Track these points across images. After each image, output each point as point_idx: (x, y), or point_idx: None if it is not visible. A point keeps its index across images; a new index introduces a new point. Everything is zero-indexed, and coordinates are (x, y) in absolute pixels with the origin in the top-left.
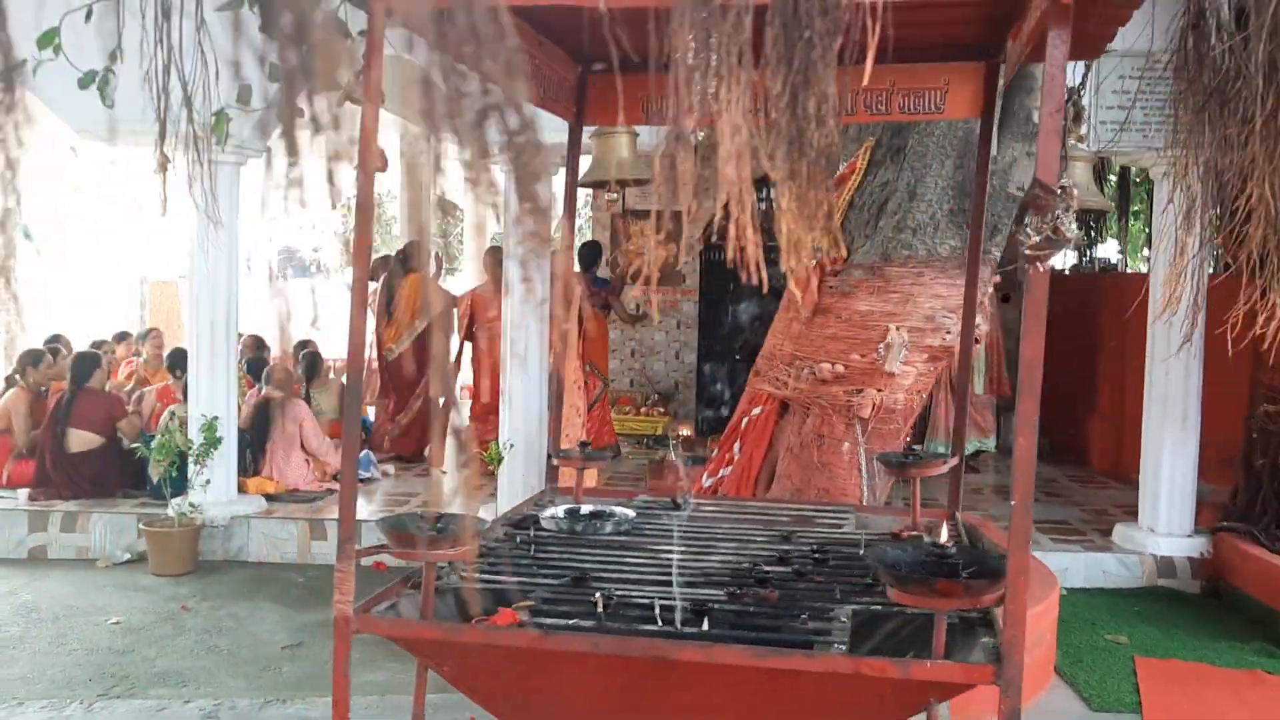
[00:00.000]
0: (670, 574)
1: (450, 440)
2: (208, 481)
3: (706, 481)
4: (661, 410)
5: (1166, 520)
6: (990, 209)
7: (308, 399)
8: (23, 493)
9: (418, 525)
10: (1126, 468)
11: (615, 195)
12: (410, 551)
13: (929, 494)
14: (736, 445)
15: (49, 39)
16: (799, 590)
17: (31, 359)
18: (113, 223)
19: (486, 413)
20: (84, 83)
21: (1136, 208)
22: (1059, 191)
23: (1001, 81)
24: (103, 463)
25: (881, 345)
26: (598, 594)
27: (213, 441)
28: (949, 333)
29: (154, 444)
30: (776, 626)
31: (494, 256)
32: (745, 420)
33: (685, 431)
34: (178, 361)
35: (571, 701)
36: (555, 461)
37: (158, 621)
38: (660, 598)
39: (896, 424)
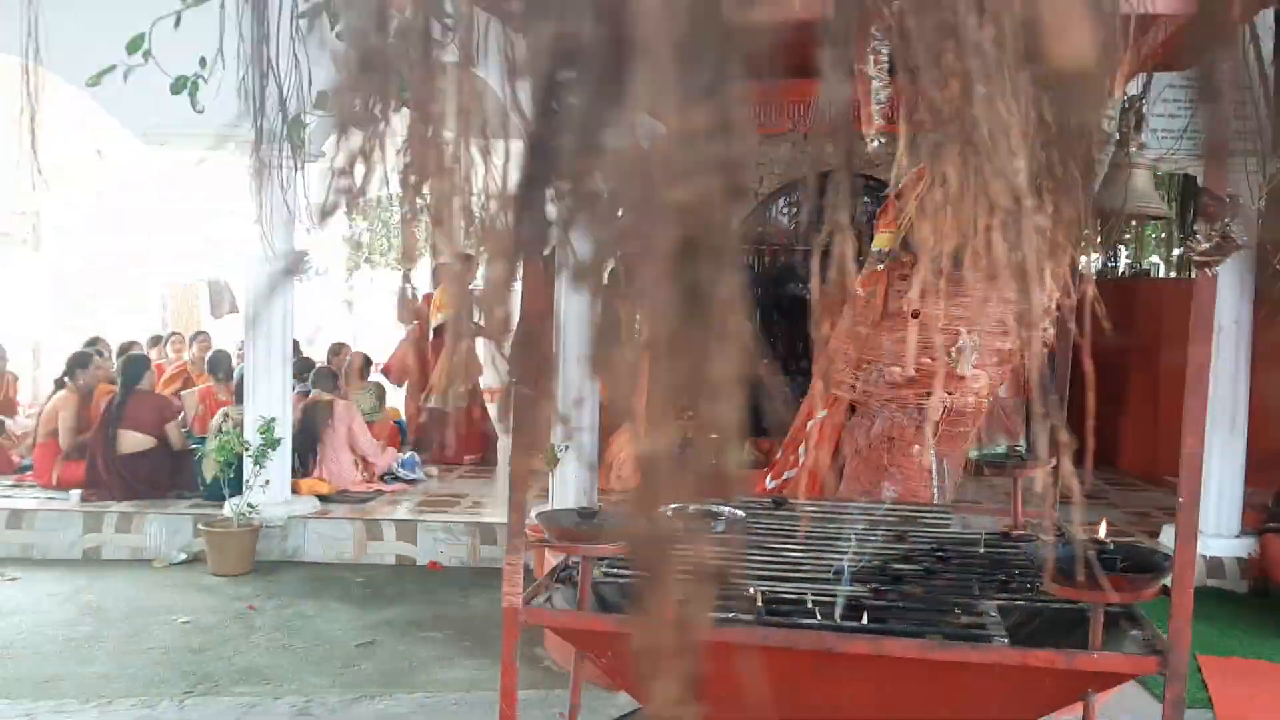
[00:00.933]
0: (804, 571)
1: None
2: (267, 482)
3: (771, 484)
4: None
5: (1215, 522)
6: None
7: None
8: (74, 494)
9: (573, 520)
10: (1160, 471)
11: None
12: (571, 545)
13: (982, 496)
14: (802, 448)
15: (137, 45)
16: (937, 586)
17: (79, 361)
18: (135, 225)
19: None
20: (175, 88)
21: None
22: (1228, 199)
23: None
24: (154, 464)
25: (953, 349)
26: (750, 589)
27: (271, 443)
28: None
29: (214, 446)
30: (931, 621)
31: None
32: (811, 423)
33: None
34: (220, 364)
35: (734, 694)
36: None
37: (226, 621)
38: (805, 594)
39: (966, 426)
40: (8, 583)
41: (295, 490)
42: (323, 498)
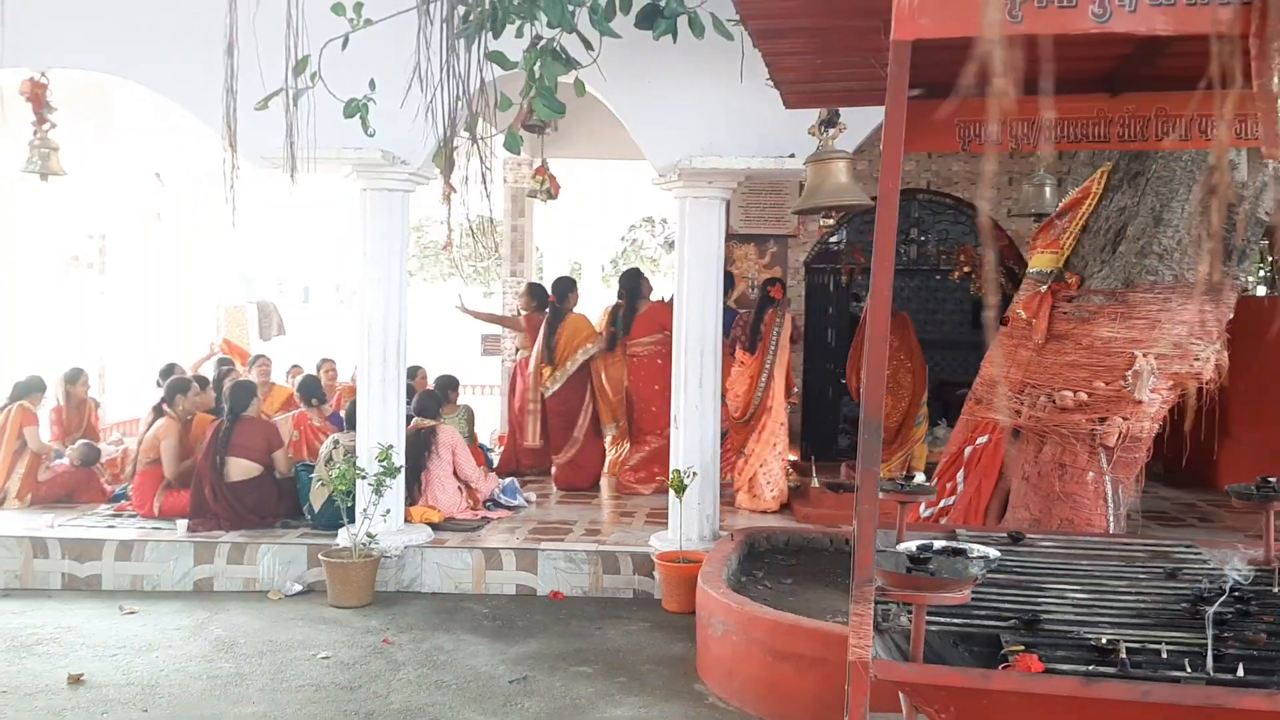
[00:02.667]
0: (1107, 612)
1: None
2: (388, 511)
3: (925, 512)
4: None
5: None
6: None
7: None
8: (181, 523)
9: (902, 564)
10: None
11: (833, 220)
12: (908, 594)
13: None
14: (960, 474)
15: (304, 66)
16: (1265, 631)
17: (179, 387)
18: (190, 248)
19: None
20: (349, 111)
21: None
22: None
23: None
24: (261, 492)
25: (1129, 372)
26: (1103, 638)
27: (391, 470)
28: (1197, 359)
29: (336, 474)
30: None
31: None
32: (969, 449)
33: (792, 456)
34: (312, 390)
35: None
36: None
37: (366, 656)
38: (1125, 639)
39: (1140, 452)
40: (127, 616)
41: (407, 518)
42: (434, 526)
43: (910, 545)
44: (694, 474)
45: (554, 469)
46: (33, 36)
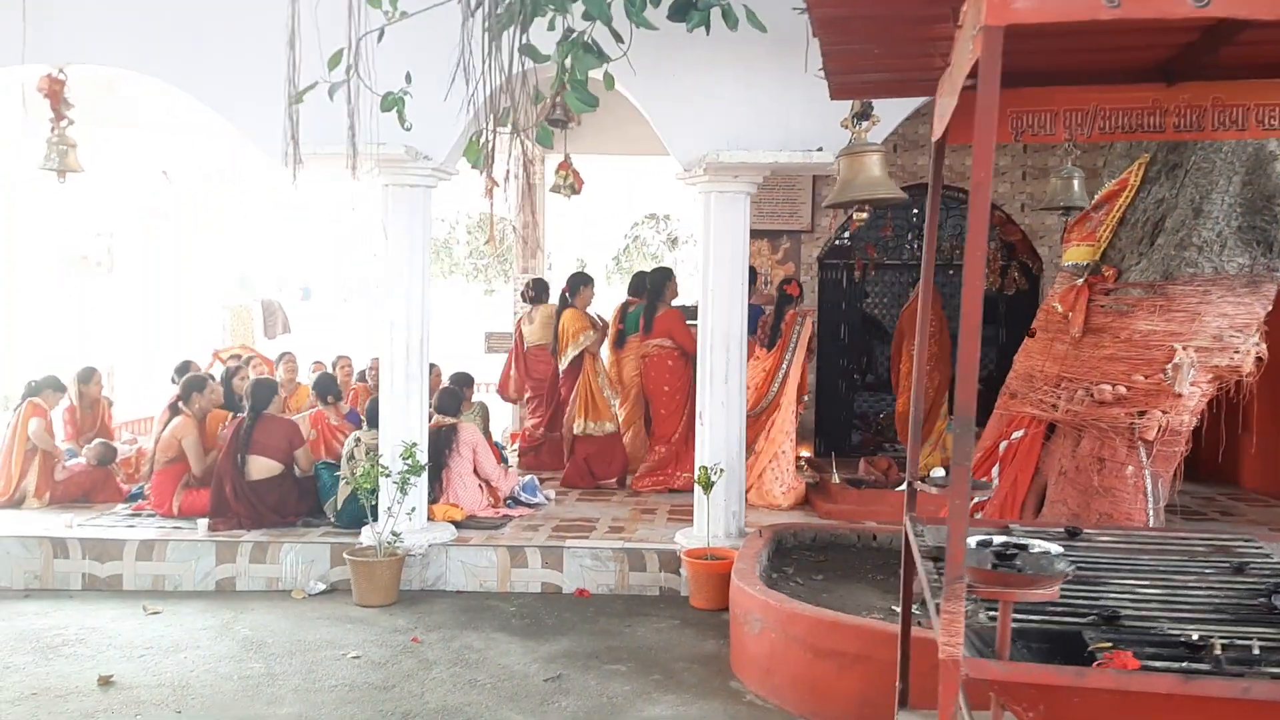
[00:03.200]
0: (1182, 607)
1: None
2: (413, 509)
3: None
4: None
5: None
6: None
7: None
8: (202, 523)
9: (987, 560)
10: None
11: (866, 215)
12: (997, 590)
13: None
14: (995, 469)
15: (336, 61)
16: None
17: (196, 385)
18: (196, 247)
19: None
20: (386, 105)
21: None
22: None
23: None
24: (282, 490)
25: (1169, 366)
26: (1193, 634)
27: (416, 469)
28: (1237, 352)
29: (361, 472)
30: None
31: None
32: (1004, 444)
33: (805, 453)
34: (328, 387)
35: None
36: (924, 489)
37: (396, 655)
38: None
39: (1179, 446)
40: (152, 616)
41: (430, 517)
42: (456, 524)
43: (969, 540)
44: (721, 471)
45: (567, 457)
46: (53, 33)
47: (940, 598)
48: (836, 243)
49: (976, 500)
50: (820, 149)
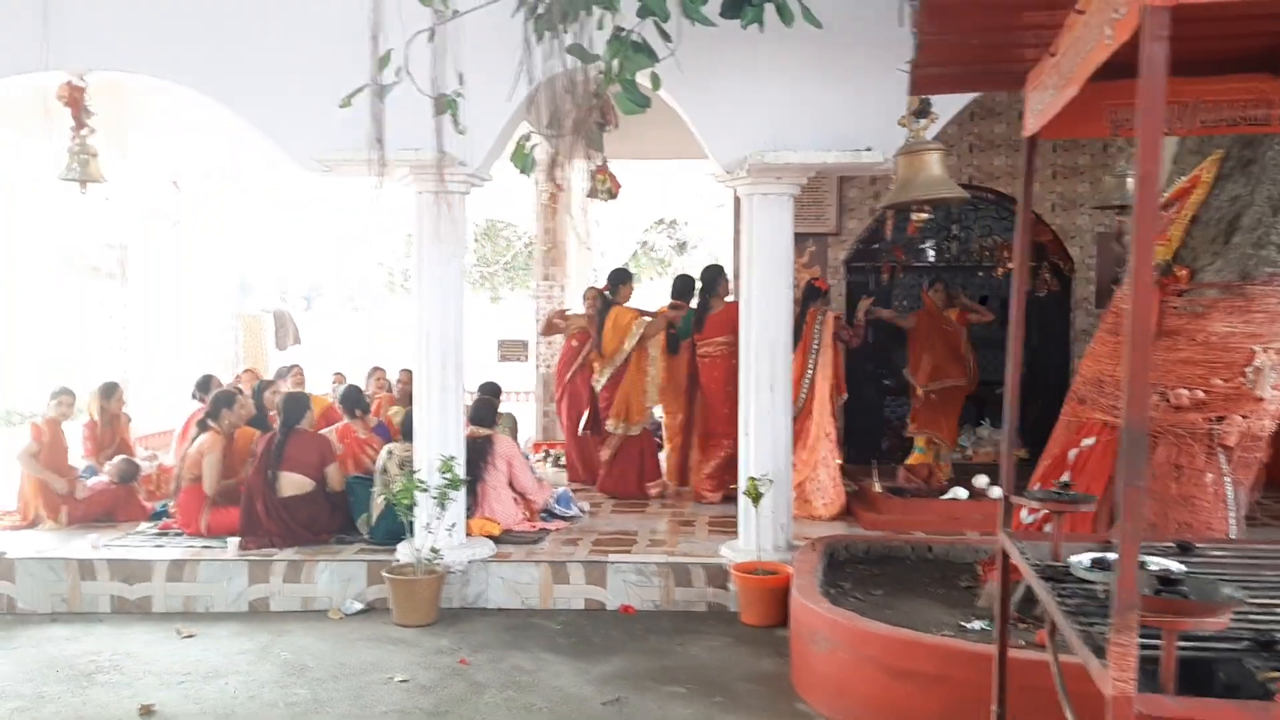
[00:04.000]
0: None
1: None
2: (453, 525)
3: (1029, 518)
4: None
5: None
6: None
7: None
8: (232, 541)
9: (1149, 584)
10: None
11: (928, 215)
12: (1166, 619)
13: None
14: (1065, 478)
15: (386, 61)
16: None
17: (226, 401)
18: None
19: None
20: (440, 107)
21: None
22: None
23: None
24: (314, 507)
25: (1248, 368)
26: None
27: (456, 483)
28: None
29: (395, 488)
30: None
31: (594, 294)
32: (1074, 452)
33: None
34: (355, 401)
35: None
36: (1023, 502)
37: (445, 678)
38: None
39: (1261, 451)
40: (186, 639)
41: (466, 532)
42: (493, 539)
43: (1083, 558)
44: (770, 481)
45: (601, 467)
46: (74, 39)
47: (1107, 627)
48: (865, 244)
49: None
50: (869, 148)
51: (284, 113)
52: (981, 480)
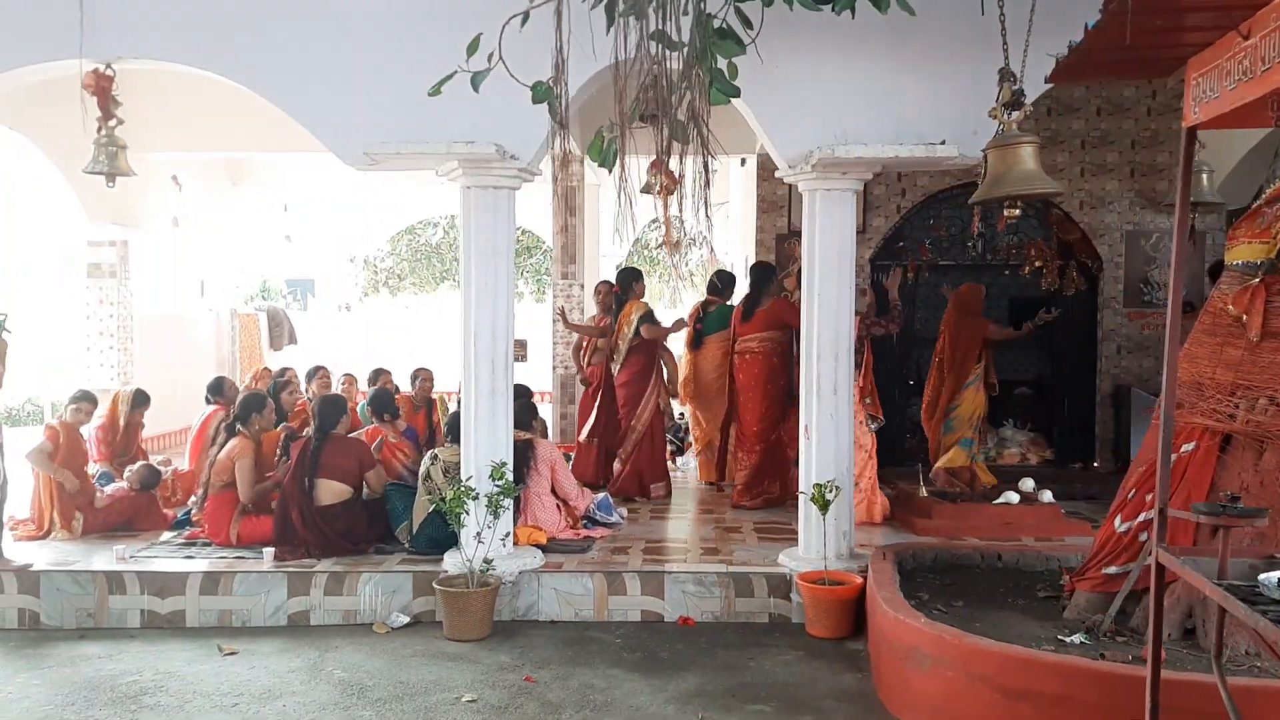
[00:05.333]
0: None
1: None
2: (507, 534)
3: (1122, 527)
4: None
5: None
6: None
7: None
8: (267, 552)
9: None
10: None
11: (1018, 211)
12: None
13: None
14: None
15: (475, 46)
16: None
17: (256, 405)
18: (208, 254)
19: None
20: (538, 95)
21: None
22: None
23: None
24: (352, 515)
25: None
26: None
27: (509, 490)
28: None
29: (448, 495)
30: None
31: (605, 288)
32: (1172, 458)
33: None
34: (385, 404)
35: None
36: (1189, 517)
37: (514, 697)
38: None
39: None
40: (228, 657)
41: (514, 540)
42: (543, 548)
43: (1272, 576)
44: (837, 489)
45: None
46: (109, 25)
47: None
48: (899, 244)
49: (1142, 519)
50: (943, 142)
51: (323, 104)
52: (1028, 484)
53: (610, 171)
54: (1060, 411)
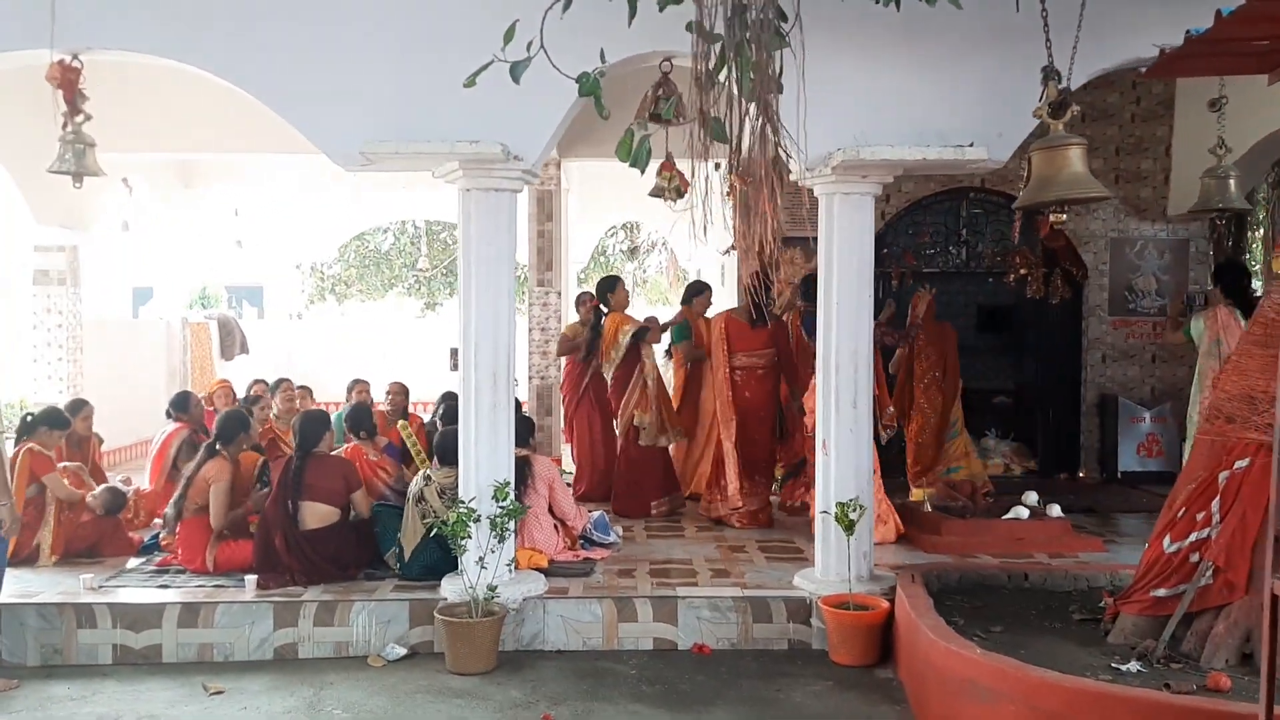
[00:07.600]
0: None
1: None
2: (512, 559)
3: (1171, 547)
4: None
5: None
6: None
7: None
8: (249, 579)
9: None
10: None
11: (1065, 216)
12: None
13: None
14: (1215, 503)
15: (511, 34)
16: None
17: (241, 424)
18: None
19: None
20: (584, 88)
21: None
22: None
23: None
24: (339, 539)
25: None
26: None
27: (514, 511)
28: None
29: (452, 518)
30: None
31: (589, 300)
32: (1225, 475)
33: None
34: (362, 421)
35: None
36: None
37: None
38: None
39: None
40: (214, 696)
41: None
42: (544, 572)
43: None
44: (861, 508)
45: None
46: (74, 12)
47: None
48: (883, 250)
49: (1193, 539)
50: (971, 143)
51: (313, 102)
52: (1031, 497)
53: (643, 172)
54: (1044, 421)
